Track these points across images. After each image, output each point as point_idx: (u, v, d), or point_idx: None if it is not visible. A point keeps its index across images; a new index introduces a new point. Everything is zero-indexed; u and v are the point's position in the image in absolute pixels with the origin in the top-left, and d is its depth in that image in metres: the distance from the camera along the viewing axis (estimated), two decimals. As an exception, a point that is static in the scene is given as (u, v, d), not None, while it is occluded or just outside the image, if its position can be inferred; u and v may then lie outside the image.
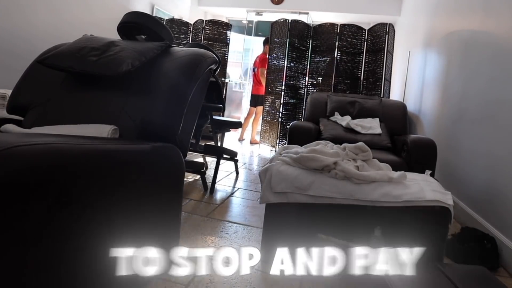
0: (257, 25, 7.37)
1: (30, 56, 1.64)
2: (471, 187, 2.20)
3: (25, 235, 0.75)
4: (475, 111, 2.27)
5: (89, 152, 0.92)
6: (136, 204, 1.11)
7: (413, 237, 1.28)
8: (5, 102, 2.11)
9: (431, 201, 1.27)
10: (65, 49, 1.35)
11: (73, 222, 0.87)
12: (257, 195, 2.53)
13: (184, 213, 2.03)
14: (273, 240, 1.52)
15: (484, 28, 2.33)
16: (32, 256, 0.77)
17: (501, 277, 1.61)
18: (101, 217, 0.96)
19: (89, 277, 0.95)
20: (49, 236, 0.81)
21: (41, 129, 1.23)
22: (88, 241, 0.93)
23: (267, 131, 4.58)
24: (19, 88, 1.46)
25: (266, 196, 1.49)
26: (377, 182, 1.38)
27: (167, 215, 1.33)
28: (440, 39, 3.27)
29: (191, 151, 2.78)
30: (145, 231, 1.18)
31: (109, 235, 1.00)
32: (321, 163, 1.44)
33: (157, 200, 1.23)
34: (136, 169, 1.10)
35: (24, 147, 0.75)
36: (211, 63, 1.48)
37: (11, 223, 0.72)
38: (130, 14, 1.63)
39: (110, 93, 1.38)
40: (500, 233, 1.79)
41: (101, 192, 0.95)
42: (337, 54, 4.17)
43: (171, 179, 1.32)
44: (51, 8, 3.35)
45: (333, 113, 2.93)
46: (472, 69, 2.43)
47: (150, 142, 1.21)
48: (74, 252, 0.89)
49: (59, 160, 0.82)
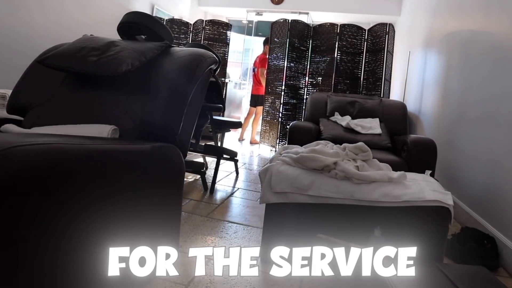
0: (257, 25, 7.37)
1: (30, 56, 1.64)
2: (471, 187, 2.20)
3: (25, 235, 0.75)
4: (475, 111, 2.27)
5: (89, 152, 0.92)
6: (136, 204, 1.11)
7: (413, 237, 1.28)
8: (5, 102, 2.11)
9: (431, 201, 1.27)
10: (65, 49, 1.35)
11: (73, 222, 0.87)
12: (257, 195, 2.52)
13: (184, 213, 2.03)
14: (273, 240, 1.52)
15: (484, 28, 2.33)
16: (32, 256, 0.77)
17: (501, 277, 1.61)
18: (100, 217, 0.96)
19: (89, 277, 0.95)
20: (49, 236, 0.81)
21: (41, 129, 1.23)
22: (88, 241, 0.93)
23: (267, 131, 4.58)
24: (19, 88, 1.46)
25: (266, 196, 1.49)
26: (377, 182, 1.37)
27: (167, 215, 1.33)
28: (440, 39, 3.27)
29: (191, 151, 2.78)
30: (145, 231, 1.18)
31: (109, 235, 1.00)
32: (321, 163, 1.44)
33: (157, 200, 1.23)
34: (136, 169, 1.10)
35: (24, 147, 0.75)
36: (211, 63, 1.48)
37: (11, 223, 0.72)
38: (130, 14, 1.62)
39: (110, 93, 1.38)
40: (500, 233, 1.79)
41: (101, 192, 0.95)
42: (337, 54, 4.17)
43: (171, 179, 1.32)
44: (51, 8, 3.35)
45: (333, 113, 2.93)
46: (472, 69, 2.43)
47: (150, 142, 1.21)
48: (73, 252, 0.89)
49: (59, 160, 0.82)
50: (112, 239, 1.02)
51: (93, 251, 0.95)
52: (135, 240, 1.13)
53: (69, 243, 0.87)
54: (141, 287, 1.25)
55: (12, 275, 0.73)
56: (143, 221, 1.16)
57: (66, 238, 0.85)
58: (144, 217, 1.16)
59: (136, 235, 1.13)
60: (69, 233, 0.86)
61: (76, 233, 0.88)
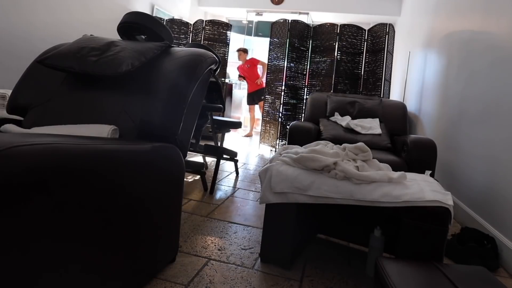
0: (257, 25, 7.38)
1: (30, 56, 1.64)
2: (471, 187, 2.20)
3: (24, 235, 0.75)
4: (475, 111, 2.28)
5: (89, 152, 0.92)
6: (136, 204, 1.11)
7: (413, 237, 1.28)
8: (5, 102, 2.11)
9: (431, 201, 1.26)
10: (65, 49, 1.35)
11: (73, 223, 0.87)
12: (257, 195, 2.53)
13: (184, 213, 2.03)
14: (273, 240, 1.52)
15: (484, 29, 2.33)
16: (32, 256, 0.77)
17: (501, 277, 1.61)
18: (100, 217, 0.96)
19: (88, 277, 0.95)
20: (49, 236, 0.81)
21: (41, 129, 1.23)
22: (88, 241, 0.93)
23: (267, 131, 4.58)
24: (19, 88, 1.46)
25: (266, 196, 1.49)
26: (377, 182, 1.37)
27: (167, 215, 1.33)
28: (440, 39, 3.27)
29: (191, 151, 2.78)
30: (145, 231, 1.18)
31: (109, 235, 1.00)
32: (321, 163, 1.44)
33: (157, 200, 1.23)
34: (136, 169, 1.10)
35: (24, 147, 0.75)
36: (211, 63, 1.48)
37: (11, 223, 0.71)
38: (130, 14, 1.62)
39: (110, 93, 1.38)
40: (500, 234, 1.79)
41: (100, 192, 0.95)
42: (337, 54, 4.17)
43: (171, 179, 1.32)
44: (51, 8, 3.35)
45: (333, 113, 2.93)
46: (472, 70, 2.43)
47: (150, 142, 1.21)
48: (73, 252, 0.89)
49: (59, 160, 0.82)
50: (112, 239, 1.02)
51: (93, 251, 0.95)
52: (134, 240, 1.13)
53: (68, 243, 0.86)
54: (141, 287, 1.25)
55: (11, 276, 0.73)
56: (143, 221, 1.17)
57: (65, 238, 0.85)
58: (144, 217, 1.16)
59: (135, 235, 1.13)
60: (69, 233, 0.86)
61: (75, 233, 0.88)
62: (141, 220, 1.15)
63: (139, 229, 1.14)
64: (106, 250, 1.00)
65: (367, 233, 1.54)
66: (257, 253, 1.61)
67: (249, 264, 1.52)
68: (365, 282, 1.45)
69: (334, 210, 1.72)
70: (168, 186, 1.30)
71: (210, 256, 1.55)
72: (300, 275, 1.45)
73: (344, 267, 1.56)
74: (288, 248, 1.49)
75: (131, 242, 1.11)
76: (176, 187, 1.36)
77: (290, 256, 1.50)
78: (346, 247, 1.78)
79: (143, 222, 1.16)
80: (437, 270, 1.07)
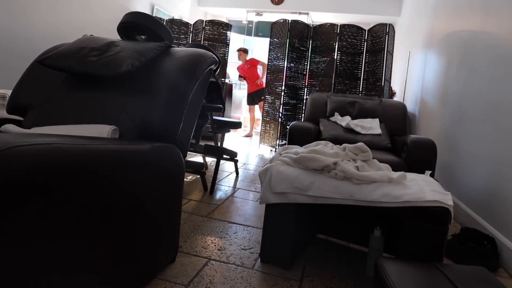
0: (257, 26, 7.38)
1: (30, 56, 1.64)
2: (471, 187, 2.20)
3: (24, 235, 0.74)
4: (475, 111, 2.28)
5: (89, 152, 0.92)
6: (136, 204, 1.11)
7: (413, 238, 1.28)
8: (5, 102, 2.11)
9: (431, 202, 1.26)
10: (65, 49, 1.35)
11: (73, 223, 0.87)
12: (257, 195, 2.52)
13: (184, 213, 2.03)
14: (273, 241, 1.52)
15: (484, 29, 2.33)
16: (32, 256, 0.77)
17: (501, 278, 1.61)
18: (100, 217, 0.96)
19: (88, 277, 0.95)
20: (49, 237, 0.81)
21: (41, 129, 1.23)
22: (88, 241, 0.93)
23: (267, 131, 4.58)
24: (19, 88, 1.46)
25: (266, 197, 1.49)
26: (377, 182, 1.37)
27: (167, 215, 1.33)
28: (440, 39, 3.27)
29: (191, 151, 2.78)
30: (144, 232, 1.18)
31: (109, 235, 1.00)
32: (321, 163, 1.44)
33: (157, 200, 1.23)
34: (135, 169, 1.10)
35: (24, 147, 0.75)
36: (211, 64, 1.48)
37: (11, 223, 0.71)
38: (130, 14, 1.62)
39: (110, 93, 1.38)
40: (500, 234, 1.79)
41: (100, 192, 0.95)
42: (337, 54, 4.17)
43: (171, 179, 1.32)
44: (51, 8, 3.35)
45: (333, 113, 2.93)
46: (472, 70, 2.43)
47: (150, 142, 1.21)
48: (73, 253, 0.89)
49: (59, 160, 0.82)
50: (112, 239, 1.02)
51: (93, 251, 0.95)
52: (134, 240, 1.13)
53: (68, 244, 0.86)
54: (141, 287, 1.25)
55: (10, 277, 0.73)
56: (143, 221, 1.16)
57: (65, 238, 0.85)
58: (144, 217, 1.16)
59: (135, 236, 1.13)
60: (69, 233, 0.86)
61: (75, 233, 0.88)
62: (141, 220, 1.15)
63: (139, 229, 1.14)
64: (106, 250, 1.00)
65: (367, 233, 1.54)
66: (257, 253, 1.61)
67: (249, 264, 1.52)
68: (365, 282, 1.45)
69: (334, 210, 1.73)
70: (168, 186, 1.30)
71: (210, 256, 1.55)
72: (300, 275, 1.45)
73: (344, 267, 1.56)
74: (288, 248, 1.49)
75: (131, 242, 1.11)
76: (176, 187, 1.36)
77: (290, 256, 1.50)
78: (346, 247, 1.78)
79: (143, 222, 1.16)
80: (437, 270, 1.07)
